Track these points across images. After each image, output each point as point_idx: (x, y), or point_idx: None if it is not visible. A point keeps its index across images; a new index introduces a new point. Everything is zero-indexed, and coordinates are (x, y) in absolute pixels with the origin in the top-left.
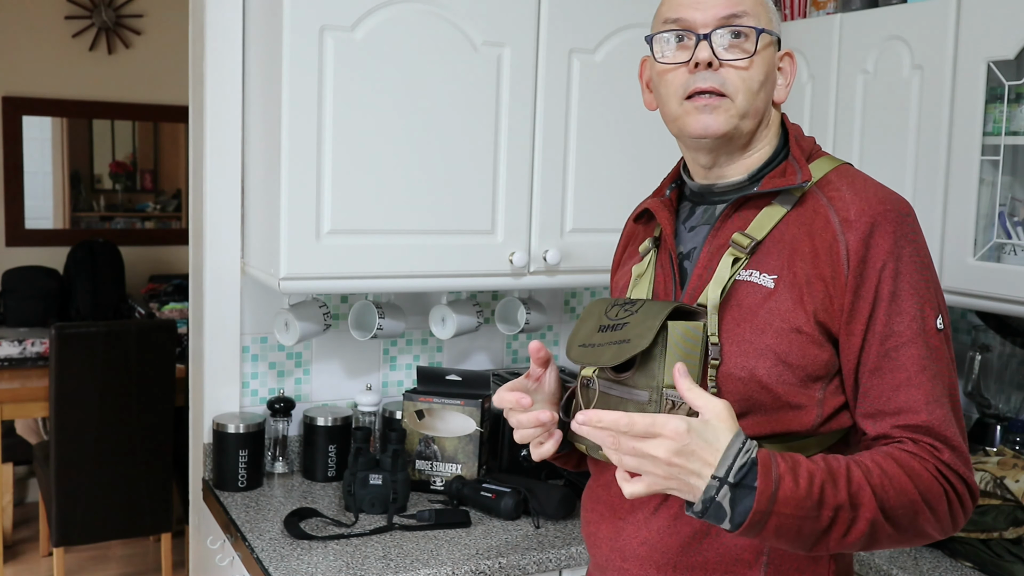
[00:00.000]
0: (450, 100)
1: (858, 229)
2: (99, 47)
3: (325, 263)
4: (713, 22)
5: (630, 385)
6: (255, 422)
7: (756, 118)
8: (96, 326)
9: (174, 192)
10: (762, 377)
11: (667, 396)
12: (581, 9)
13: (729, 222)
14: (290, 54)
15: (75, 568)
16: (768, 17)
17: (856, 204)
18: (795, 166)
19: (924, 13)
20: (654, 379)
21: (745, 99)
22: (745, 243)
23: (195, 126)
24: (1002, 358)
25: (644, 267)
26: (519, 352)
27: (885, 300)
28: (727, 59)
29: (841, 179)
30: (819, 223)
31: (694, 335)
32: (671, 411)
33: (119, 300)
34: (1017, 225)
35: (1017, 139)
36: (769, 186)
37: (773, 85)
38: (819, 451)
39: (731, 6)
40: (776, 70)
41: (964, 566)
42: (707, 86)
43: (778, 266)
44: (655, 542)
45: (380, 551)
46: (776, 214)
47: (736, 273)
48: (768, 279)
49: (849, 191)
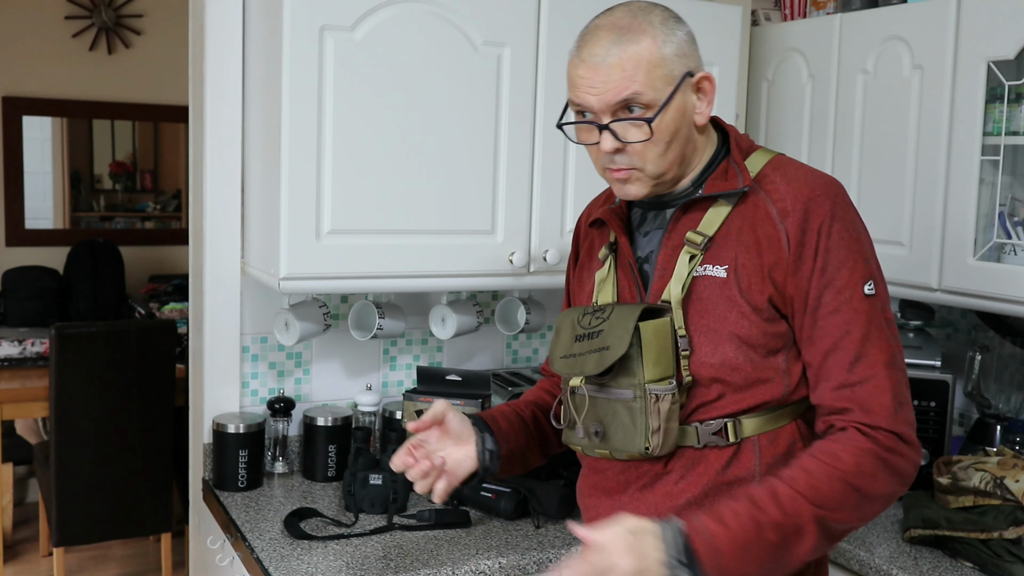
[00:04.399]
0: (450, 100)
1: (794, 217)
2: (99, 47)
3: (325, 263)
4: (609, 109)
5: (614, 387)
6: (255, 422)
7: (676, 164)
8: (96, 326)
9: (174, 192)
10: (730, 359)
11: (650, 391)
12: (581, 9)
13: (680, 224)
14: (290, 54)
15: (75, 568)
16: (662, 71)
17: (790, 194)
18: (735, 169)
19: (924, 13)
20: (636, 378)
21: (656, 165)
22: (699, 240)
23: (195, 126)
24: (1002, 358)
25: (605, 272)
26: (519, 352)
27: (817, 275)
28: (630, 141)
29: (776, 172)
30: (760, 215)
31: (664, 331)
32: (656, 404)
33: (119, 300)
34: (1017, 225)
35: (1017, 139)
36: (713, 189)
37: (689, 126)
38: (794, 419)
39: (622, 89)
40: (692, 105)
41: (964, 566)
42: (617, 167)
43: (729, 257)
44: (651, 517)
45: (380, 551)
46: (722, 211)
47: (693, 269)
48: (721, 270)
49: (783, 182)
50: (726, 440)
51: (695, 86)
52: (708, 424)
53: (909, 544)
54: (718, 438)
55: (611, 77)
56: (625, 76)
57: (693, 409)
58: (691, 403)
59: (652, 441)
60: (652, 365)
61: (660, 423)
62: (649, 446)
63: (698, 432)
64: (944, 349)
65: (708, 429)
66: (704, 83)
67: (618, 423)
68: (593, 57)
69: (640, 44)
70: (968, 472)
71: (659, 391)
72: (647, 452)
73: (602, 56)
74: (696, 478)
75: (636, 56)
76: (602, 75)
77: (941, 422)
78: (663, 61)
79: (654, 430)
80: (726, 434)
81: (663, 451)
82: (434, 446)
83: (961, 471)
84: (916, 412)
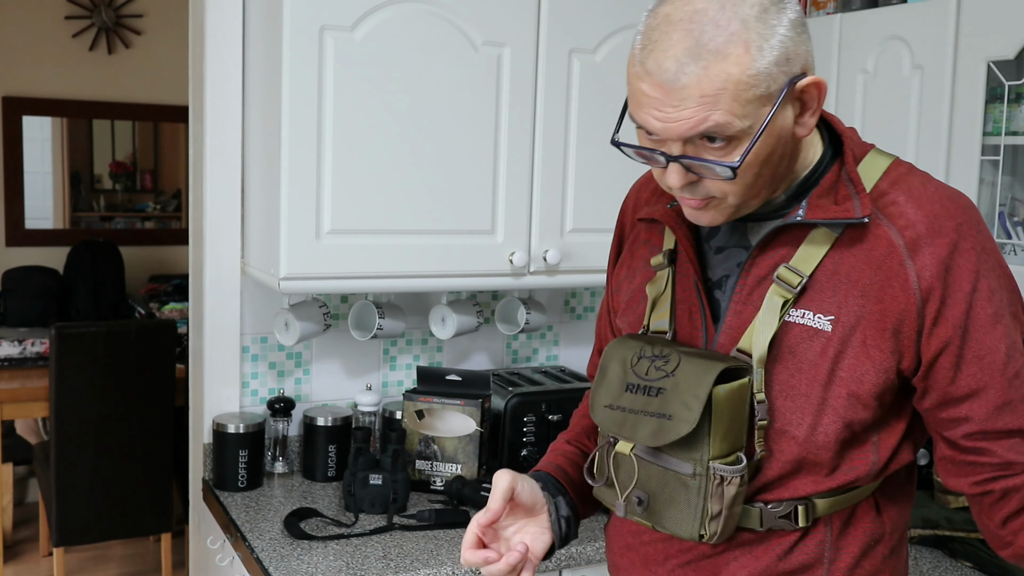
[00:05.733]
0: (450, 100)
1: (931, 251)
2: (99, 47)
3: (325, 263)
4: (679, 141)
5: (669, 455)
6: (255, 422)
7: (767, 188)
8: (96, 326)
9: (174, 192)
10: (821, 437)
11: (715, 471)
12: (581, 9)
13: (769, 250)
14: (290, 54)
15: (75, 568)
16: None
17: (923, 221)
18: (849, 188)
19: (924, 13)
20: (699, 452)
21: (738, 196)
22: (795, 281)
23: (195, 126)
24: None
25: (661, 288)
26: (519, 352)
27: (976, 326)
28: (707, 178)
29: (896, 188)
30: (881, 249)
31: (740, 397)
32: (719, 486)
33: (119, 300)
34: (1017, 225)
35: (1017, 139)
36: (820, 214)
37: (787, 144)
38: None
39: (700, 121)
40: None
41: (964, 566)
42: (690, 200)
43: (835, 304)
44: None
45: (380, 551)
46: (827, 240)
47: (785, 314)
48: (824, 321)
49: (909, 203)
50: (794, 525)
51: (798, 93)
52: (775, 507)
53: (909, 544)
54: (785, 522)
55: (685, 102)
56: (704, 102)
57: (760, 487)
58: (759, 479)
59: (709, 529)
60: (720, 439)
61: (722, 508)
62: (705, 534)
63: (762, 515)
64: None
65: (775, 512)
66: (811, 89)
67: (669, 499)
68: (663, 73)
69: (727, 59)
70: None
71: (726, 472)
72: (701, 540)
73: (674, 73)
74: (751, 562)
75: (722, 74)
76: (674, 99)
77: None
78: (758, 79)
79: (713, 515)
80: (795, 518)
81: (720, 539)
82: (505, 522)
83: None
84: None
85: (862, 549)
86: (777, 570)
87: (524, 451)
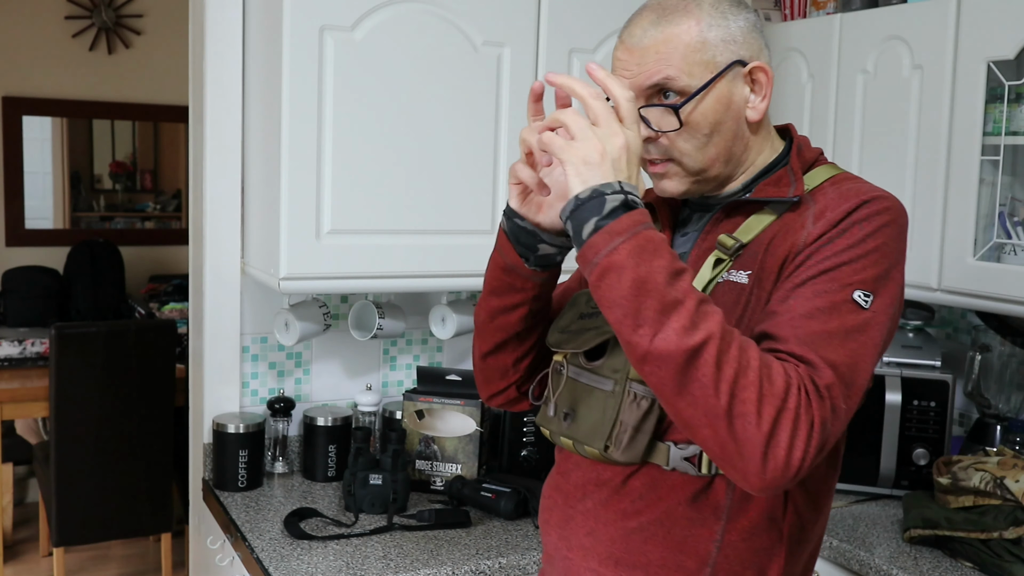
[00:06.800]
0: (450, 100)
1: (829, 217)
2: (99, 47)
3: (325, 263)
4: (643, 94)
5: (598, 373)
6: (255, 422)
7: (720, 161)
8: (96, 326)
9: (174, 192)
10: None
11: (632, 388)
12: (581, 9)
13: (718, 227)
14: (290, 54)
15: (75, 568)
16: (702, 56)
17: (836, 201)
18: (790, 177)
19: (924, 13)
20: (621, 369)
21: (693, 159)
22: (730, 244)
23: (195, 126)
24: (1002, 358)
25: None
26: None
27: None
28: (664, 130)
29: (834, 186)
30: (798, 223)
31: None
32: (633, 402)
33: (119, 300)
34: (1017, 225)
35: (1017, 139)
36: (761, 195)
37: (737, 120)
38: None
39: (654, 72)
40: (743, 97)
41: (964, 566)
42: (651, 158)
43: (752, 263)
44: (600, 533)
45: (380, 551)
46: (765, 220)
47: (719, 275)
48: (743, 275)
49: (834, 191)
50: (697, 470)
51: (748, 77)
52: (682, 447)
53: (909, 544)
54: (689, 465)
55: (645, 59)
56: (659, 59)
57: (671, 425)
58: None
59: (615, 441)
60: None
61: (629, 425)
62: (611, 446)
63: (669, 452)
64: (944, 349)
65: (681, 452)
66: (759, 74)
67: (589, 411)
68: (631, 38)
69: (680, 26)
70: (968, 472)
71: (641, 391)
72: (606, 452)
73: (639, 37)
74: (655, 501)
75: (673, 38)
76: (636, 57)
77: (941, 422)
78: (704, 46)
79: (621, 430)
80: (699, 463)
81: (622, 457)
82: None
83: (961, 471)
84: (917, 412)
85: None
86: (679, 513)
87: (524, 451)
